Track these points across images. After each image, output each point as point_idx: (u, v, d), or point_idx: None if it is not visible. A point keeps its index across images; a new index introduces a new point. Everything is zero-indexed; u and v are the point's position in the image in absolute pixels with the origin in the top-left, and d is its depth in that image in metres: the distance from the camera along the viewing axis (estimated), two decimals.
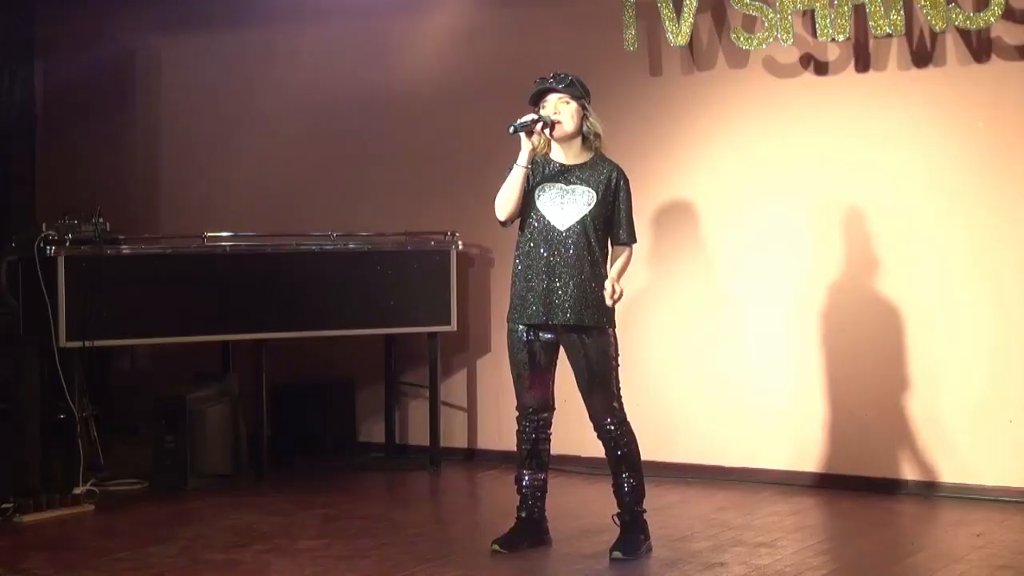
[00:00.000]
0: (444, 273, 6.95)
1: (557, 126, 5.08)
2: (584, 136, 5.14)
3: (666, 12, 6.54)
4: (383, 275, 6.88)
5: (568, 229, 5.06)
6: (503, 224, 5.19)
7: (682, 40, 6.55)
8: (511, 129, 5.01)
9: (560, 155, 5.17)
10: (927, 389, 6.27)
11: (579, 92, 5.10)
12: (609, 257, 5.19)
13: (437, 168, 7.41)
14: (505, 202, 5.12)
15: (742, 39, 6.45)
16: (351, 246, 6.95)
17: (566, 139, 5.13)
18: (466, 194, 7.18)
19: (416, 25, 7.42)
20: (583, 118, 5.12)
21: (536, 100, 5.15)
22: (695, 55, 6.71)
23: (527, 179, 5.10)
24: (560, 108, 5.09)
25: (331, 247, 6.88)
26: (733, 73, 6.65)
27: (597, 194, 5.09)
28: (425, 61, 7.36)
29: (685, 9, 6.50)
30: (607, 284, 5.06)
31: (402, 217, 7.29)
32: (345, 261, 6.87)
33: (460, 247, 7.03)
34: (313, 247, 6.86)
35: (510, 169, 5.11)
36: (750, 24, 6.49)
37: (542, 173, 5.14)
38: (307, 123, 7.71)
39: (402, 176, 7.49)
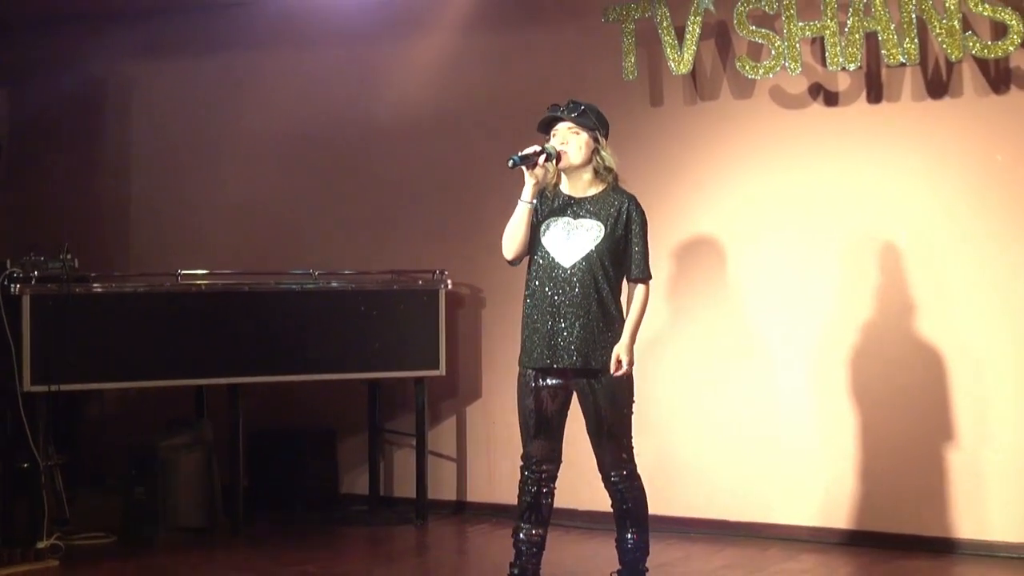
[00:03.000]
0: (432, 314, 6.95)
1: (562, 156, 5.09)
2: (595, 169, 5.15)
3: (667, 39, 6.59)
4: (367, 316, 6.87)
5: (573, 266, 5.05)
6: (511, 263, 5.20)
7: (684, 68, 6.59)
8: (510, 162, 4.99)
9: (569, 187, 5.17)
10: (969, 439, 6.22)
11: (591, 123, 5.10)
12: (624, 295, 5.17)
13: (425, 203, 7.44)
14: (510, 240, 5.13)
15: (748, 68, 6.49)
16: (334, 285, 6.95)
17: (574, 171, 5.13)
18: (456, 230, 7.23)
19: (404, 51, 7.47)
20: (594, 151, 5.13)
21: (546, 128, 5.17)
22: (698, 84, 6.75)
23: (534, 214, 5.11)
24: (569, 138, 5.10)
25: (313, 286, 6.88)
26: (738, 104, 6.69)
27: (605, 227, 5.07)
28: (413, 89, 7.42)
29: (687, 36, 6.55)
30: (615, 350, 5.04)
31: (388, 254, 7.34)
32: (327, 301, 6.87)
33: (449, 286, 7.03)
34: (293, 286, 6.87)
35: (516, 205, 5.12)
36: (756, 52, 6.53)
37: (550, 206, 5.14)
38: (287, 154, 7.75)
39: (388, 211, 7.53)
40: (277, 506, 7.23)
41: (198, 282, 6.83)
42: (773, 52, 6.42)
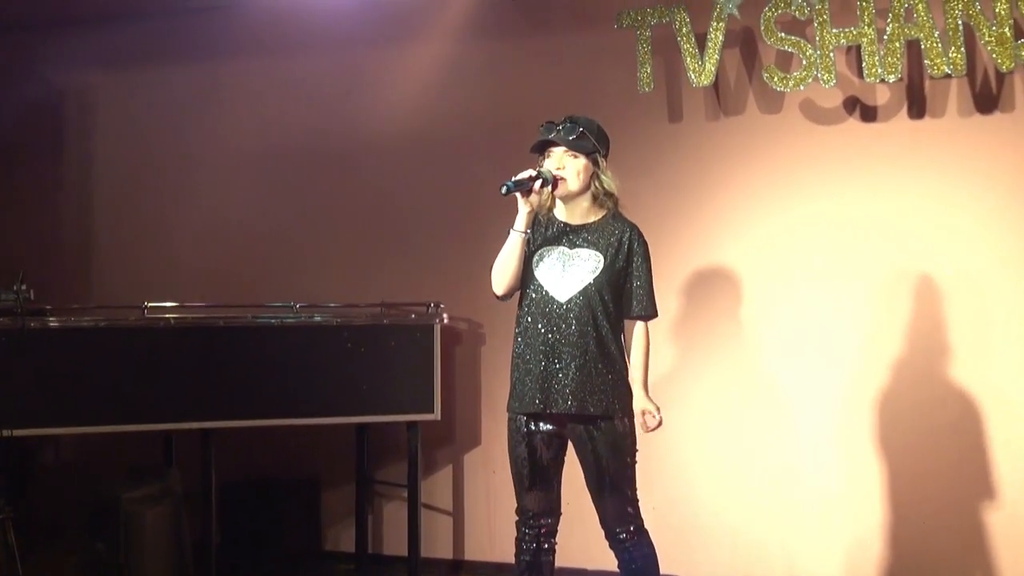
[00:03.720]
0: (426, 352, 6.95)
1: (559, 183, 5.09)
2: (594, 194, 5.15)
3: (687, 48, 6.60)
4: (355, 354, 6.88)
5: (569, 301, 5.05)
6: (500, 298, 5.19)
7: (706, 80, 6.60)
8: (503, 188, 4.98)
9: (565, 214, 5.18)
10: (1008, 491, 6.23)
11: (590, 145, 5.10)
12: (624, 334, 5.18)
13: (420, 228, 7.46)
14: (500, 273, 5.13)
15: (776, 79, 6.51)
16: (317, 319, 6.95)
17: (572, 197, 5.14)
18: (453, 260, 7.24)
19: (397, 59, 7.49)
20: (593, 176, 5.13)
21: (540, 149, 5.17)
22: (721, 98, 6.78)
23: (527, 245, 5.11)
24: (566, 162, 5.09)
25: (293, 320, 6.89)
26: (765, 119, 6.71)
27: (604, 258, 5.08)
28: (407, 101, 7.44)
29: (709, 44, 6.56)
30: (637, 406, 5.05)
31: (377, 285, 7.32)
32: (310, 337, 6.87)
33: (445, 321, 7.03)
34: (272, 320, 6.88)
35: (508, 234, 5.12)
36: (785, 62, 6.55)
37: (543, 235, 5.15)
38: (266, 174, 7.76)
39: (378, 237, 7.55)
40: (254, 565, 7.19)
41: (167, 316, 6.82)
42: (804, 62, 6.43)
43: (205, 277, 7.67)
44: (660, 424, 5.09)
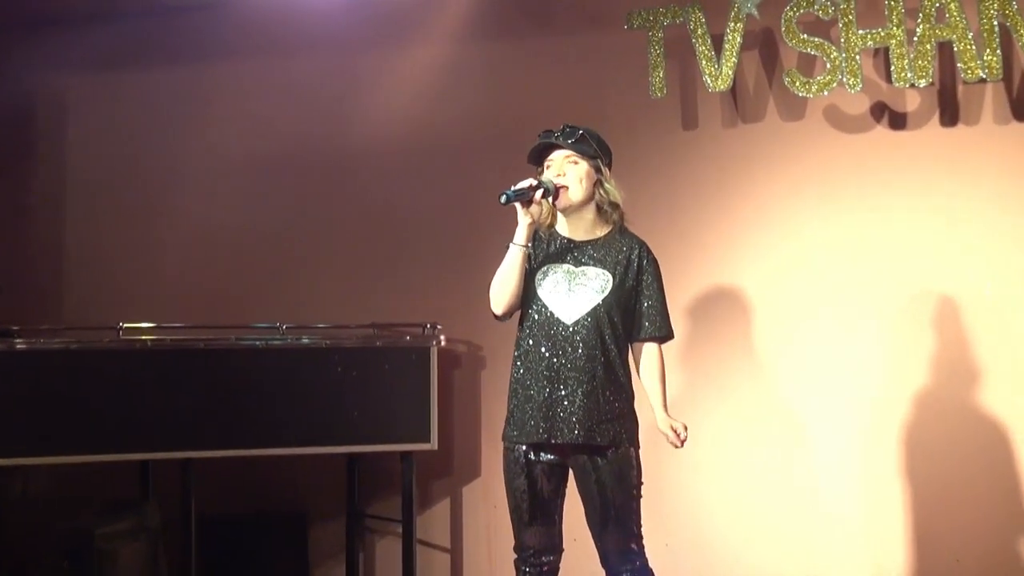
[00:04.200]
0: (422, 376, 6.94)
1: (561, 193, 5.09)
2: (599, 206, 5.16)
3: (703, 50, 6.61)
4: (345, 378, 6.88)
5: (576, 323, 5.04)
6: (499, 318, 5.18)
7: (723, 85, 6.61)
8: (503, 198, 4.97)
9: (568, 228, 5.18)
10: None
11: (592, 150, 5.10)
12: (631, 358, 5.18)
13: (415, 244, 7.47)
14: (500, 290, 5.12)
15: (798, 84, 6.51)
16: (305, 341, 6.95)
17: (574, 209, 5.14)
18: (451, 277, 7.24)
19: (393, 62, 7.50)
20: (596, 184, 5.13)
21: (538, 158, 5.17)
22: (739, 103, 6.80)
23: (527, 260, 5.11)
24: (567, 169, 5.10)
25: (279, 342, 6.90)
26: (787, 127, 6.73)
27: (614, 277, 5.08)
28: (403, 107, 7.44)
29: (727, 46, 6.57)
30: (663, 424, 5.07)
31: (370, 304, 7.33)
32: (297, 360, 6.88)
33: (443, 343, 7.02)
34: (256, 342, 6.88)
35: (508, 249, 5.12)
36: (808, 65, 6.56)
37: (545, 251, 5.15)
38: (252, 186, 7.73)
39: (370, 253, 7.54)
40: None
41: (143, 337, 6.82)
42: (828, 65, 6.43)
43: (185, 296, 7.64)
44: (686, 436, 5.09)
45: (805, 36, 6.48)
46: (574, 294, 5.07)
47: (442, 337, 7.04)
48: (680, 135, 6.92)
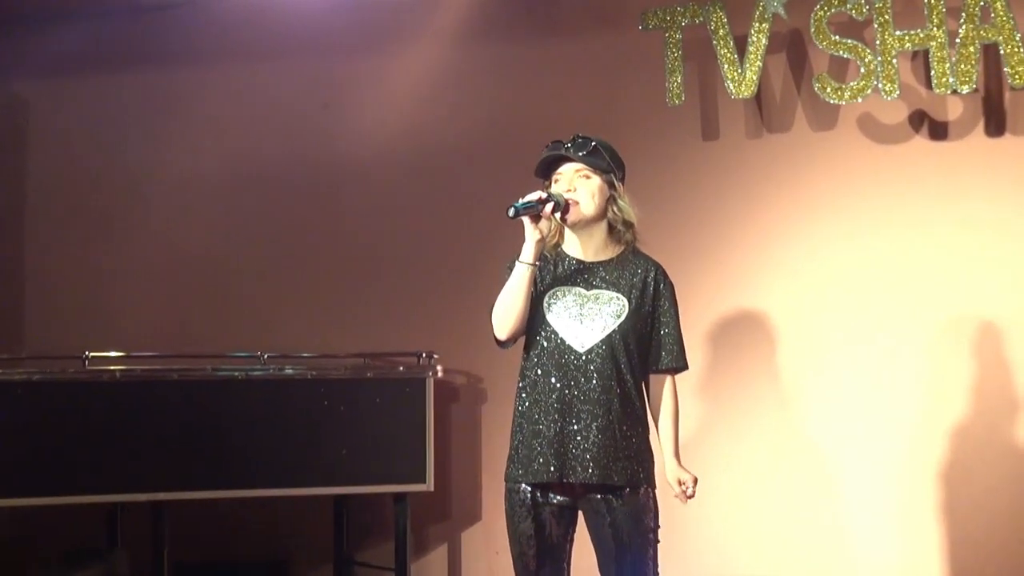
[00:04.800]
0: (417, 410, 6.95)
1: (572, 208, 5.04)
2: (611, 224, 5.13)
3: (724, 52, 6.62)
4: (332, 413, 6.88)
5: (590, 351, 5.00)
6: (502, 344, 5.12)
7: (747, 91, 6.62)
8: (510, 211, 4.91)
9: (577, 248, 5.14)
10: None
11: (605, 164, 5.07)
12: (647, 389, 5.15)
13: (408, 266, 7.49)
14: (505, 314, 5.06)
15: (829, 90, 6.51)
16: (288, 372, 6.97)
17: (585, 226, 5.10)
18: (448, 302, 7.25)
19: (382, 69, 7.53)
20: (609, 200, 5.10)
21: (546, 171, 5.14)
22: (764, 111, 6.81)
23: (534, 282, 5.06)
24: (577, 183, 5.05)
25: (260, 373, 6.91)
26: (817, 137, 6.73)
27: (629, 302, 5.05)
28: (394, 119, 7.47)
29: (751, 49, 6.58)
30: (671, 475, 5.03)
31: (359, 332, 7.37)
32: (280, 393, 6.89)
33: (439, 374, 7.04)
34: (236, 373, 6.89)
35: (510, 268, 5.07)
36: (840, 70, 6.57)
37: (553, 273, 5.11)
38: (229, 203, 7.77)
39: (359, 276, 7.57)
40: None
41: (111, 368, 6.82)
42: (862, 70, 6.44)
43: (157, 322, 7.64)
44: (694, 490, 5.05)
45: (837, 38, 6.48)
46: (587, 319, 5.04)
47: (439, 367, 7.04)
48: (700, 146, 6.94)
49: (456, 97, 7.40)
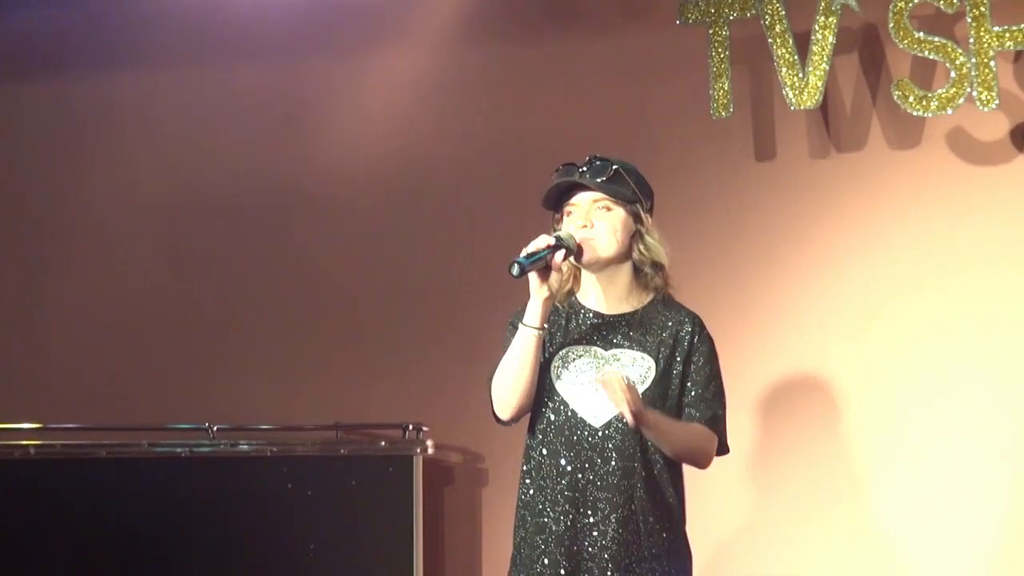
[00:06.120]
0: (402, 496, 6.94)
1: (585, 248, 4.99)
2: (636, 267, 5.07)
3: (782, 52, 6.61)
4: (297, 498, 6.92)
5: (607, 425, 4.96)
6: (504, 422, 5.12)
7: (810, 101, 6.60)
8: (514, 269, 4.82)
9: (596, 297, 5.10)
10: None
11: (629, 191, 5.02)
12: (683, 474, 5.10)
13: (391, 317, 7.49)
14: (507, 389, 5.03)
15: (912, 99, 6.49)
16: (243, 448, 7.02)
17: (604, 269, 5.06)
18: (440, 361, 7.27)
19: (362, 74, 7.56)
20: (634, 236, 5.04)
21: (556, 201, 5.10)
22: (831, 125, 6.82)
23: (542, 346, 5.01)
24: (595, 217, 5.01)
25: (209, 449, 6.96)
26: (896, 157, 6.74)
27: (657, 363, 5.00)
28: (375, 135, 7.48)
29: (815, 48, 6.57)
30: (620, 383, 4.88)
31: (331, 399, 7.36)
32: (232, 473, 6.95)
33: (430, 451, 7.04)
34: (178, 450, 6.94)
35: (513, 327, 5.04)
36: (925, 74, 6.59)
37: (564, 329, 5.08)
38: (171, 238, 7.78)
39: (331, 329, 7.56)
40: None
41: (24, 443, 6.91)
42: (953, 74, 6.44)
43: (81, 388, 7.64)
44: (631, 402, 4.80)
45: (921, 35, 6.48)
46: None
47: (429, 443, 7.05)
48: (751, 168, 6.96)
49: (452, 108, 7.42)
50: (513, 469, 5.27)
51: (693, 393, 5.03)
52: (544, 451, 5.02)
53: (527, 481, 5.06)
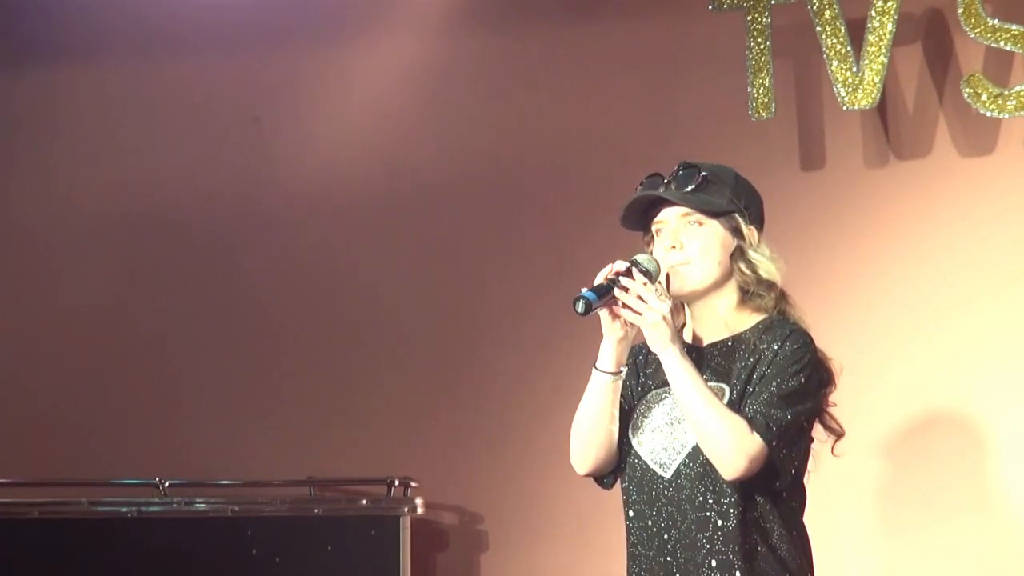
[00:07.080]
0: (388, 563, 6.94)
1: (673, 276, 4.88)
2: (743, 289, 4.96)
3: (833, 43, 6.61)
4: (263, 565, 6.94)
5: (676, 474, 4.88)
6: (599, 481, 5.07)
7: (866, 100, 6.61)
8: (579, 306, 4.66)
9: (692, 327, 5.02)
10: None
11: (724, 200, 4.92)
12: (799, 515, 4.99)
13: (373, 351, 7.51)
14: (579, 437, 4.96)
15: (985, 98, 6.50)
16: (200, 507, 7.02)
17: (701, 296, 4.95)
18: (430, 406, 7.32)
19: (337, 66, 7.62)
20: (735, 253, 4.94)
21: (638, 220, 5.00)
22: (891, 128, 6.85)
23: (619, 392, 4.94)
24: (685, 236, 4.90)
25: (160, 509, 6.97)
26: (967, 164, 6.77)
27: (731, 391, 4.87)
28: (355, 137, 7.50)
29: (871, 39, 6.57)
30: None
31: (303, 450, 7.38)
32: (186, 536, 6.96)
33: (419, 510, 7.04)
34: (124, 509, 6.94)
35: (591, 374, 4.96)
36: (1002, 68, 6.63)
37: (657, 370, 4.96)
38: (114, 256, 7.82)
39: (302, 365, 7.58)
40: None
41: None
42: None
43: (10, 434, 7.62)
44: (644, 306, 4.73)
45: (996, 23, 6.49)
46: (674, 430, 4.92)
47: (418, 501, 7.05)
48: (797, 178, 7.01)
49: (445, 107, 7.45)
50: (514, 530, 5.25)
51: (762, 394, 4.82)
52: (631, 512, 4.94)
53: (632, 538, 4.97)
